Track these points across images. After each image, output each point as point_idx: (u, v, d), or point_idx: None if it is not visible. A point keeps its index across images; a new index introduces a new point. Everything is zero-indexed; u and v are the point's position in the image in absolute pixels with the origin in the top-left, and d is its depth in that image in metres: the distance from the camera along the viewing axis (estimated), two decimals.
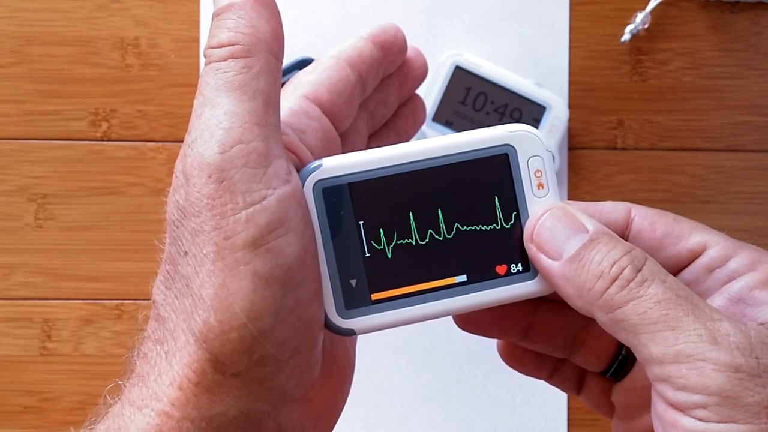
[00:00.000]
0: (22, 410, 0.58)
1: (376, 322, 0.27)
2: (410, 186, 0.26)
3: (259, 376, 0.23)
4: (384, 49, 0.29)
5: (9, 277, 0.58)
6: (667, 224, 0.27)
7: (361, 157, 0.26)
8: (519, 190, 0.27)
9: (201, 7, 0.58)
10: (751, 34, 0.59)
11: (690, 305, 0.24)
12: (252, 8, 0.24)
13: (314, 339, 0.25)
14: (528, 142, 0.26)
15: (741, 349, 0.23)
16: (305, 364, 0.25)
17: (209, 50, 0.24)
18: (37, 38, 0.58)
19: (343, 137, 0.29)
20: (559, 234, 0.26)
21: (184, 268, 0.23)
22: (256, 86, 0.24)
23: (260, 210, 0.23)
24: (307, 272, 0.24)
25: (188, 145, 0.24)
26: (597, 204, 0.28)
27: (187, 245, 0.23)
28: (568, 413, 0.58)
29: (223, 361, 0.23)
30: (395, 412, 0.58)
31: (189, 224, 0.23)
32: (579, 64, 0.58)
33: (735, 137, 0.59)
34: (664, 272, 0.25)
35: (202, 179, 0.23)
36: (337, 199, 0.26)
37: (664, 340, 0.23)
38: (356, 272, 0.26)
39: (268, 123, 0.24)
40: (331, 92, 0.28)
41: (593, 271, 0.25)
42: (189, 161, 0.23)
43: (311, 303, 0.24)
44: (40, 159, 0.58)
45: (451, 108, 0.56)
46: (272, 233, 0.23)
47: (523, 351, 0.32)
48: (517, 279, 0.27)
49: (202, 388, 0.23)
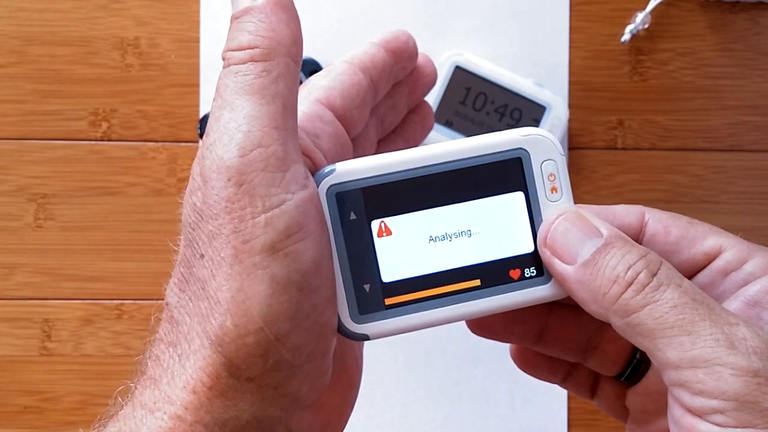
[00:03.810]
0: (22, 410, 0.58)
1: (389, 327, 0.27)
2: (423, 190, 0.26)
3: (273, 381, 0.23)
4: (396, 56, 0.29)
5: (9, 277, 0.58)
6: (682, 227, 0.27)
7: (374, 161, 0.26)
8: (533, 194, 0.27)
9: (201, 7, 0.58)
10: (751, 34, 0.59)
11: (706, 309, 0.24)
12: (272, 12, 0.24)
13: (328, 345, 0.25)
14: (542, 146, 0.26)
15: (759, 353, 0.23)
16: (318, 369, 0.24)
17: (229, 53, 0.24)
18: (37, 38, 0.58)
19: (353, 142, 0.29)
20: (573, 238, 0.26)
21: (200, 270, 0.23)
22: (275, 90, 0.24)
23: (279, 214, 0.23)
24: (323, 277, 0.24)
25: (207, 147, 0.24)
26: (610, 207, 0.28)
27: (203, 248, 0.23)
28: (568, 413, 0.58)
29: (239, 365, 0.23)
30: (395, 412, 0.58)
31: (206, 227, 0.23)
32: (579, 64, 0.58)
33: (735, 137, 0.59)
34: (679, 276, 0.25)
35: (221, 182, 0.23)
36: (350, 204, 0.26)
37: (681, 344, 0.23)
38: (370, 277, 0.26)
39: (286, 127, 0.24)
40: (344, 97, 0.28)
41: (608, 276, 0.25)
42: (207, 164, 0.23)
43: (326, 308, 0.24)
44: (40, 159, 0.58)
45: (451, 108, 0.56)
46: (290, 237, 0.23)
47: (536, 355, 0.32)
48: (531, 283, 0.27)
49: (216, 392, 0.23)
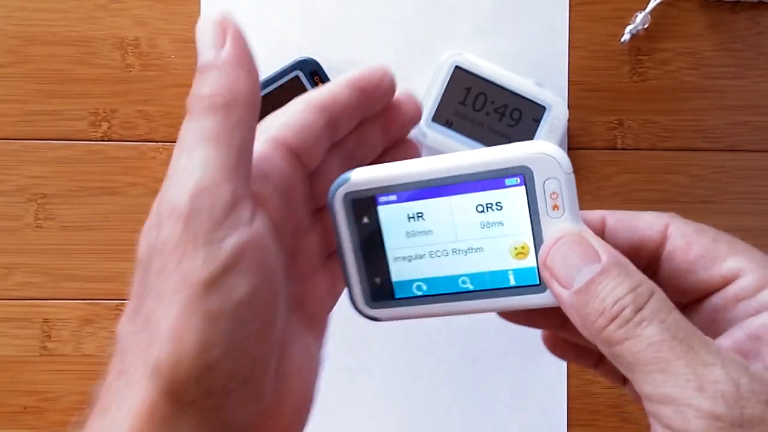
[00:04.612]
0: (22, 410, 0.58)
1: (397, 314, 0.30)
2: (430, 200, 0.29)
3: (210, 405, 0.25)
4: (363, 94, 0.30)
5: (9, 277, 0.58)
6: (704, 245, 0.28)
7: (387, 171, 0.29)
8: (534, 211, 0.28)
9: (201, 7, 0.58)
10: (752, 34, 0.59)
11: (684, 348, 0.24)
12: (231, 67, 0.26)
13: (262, 371, 0.26)
14: (546, 165, 0.27)
15: (726, 398, 0.23)
16: (254, 394, 0.26)
17: (191, 102, 0.26)
18: (37, 38, 0.58)
19: (315, 174, 0.31)
20: (571, 263, 0.26)
21: (148, 303, 0.25)
22: (230, 138, 0.26)
23: (217, 251, 0.24)
24: (257, 311, 0.25)
25: (164, 188, 0.26)
26: (636, 215, 0.29)
27: (152, 282, 0.25)
28: (568, 413, 0.58)
29: (175, 390, 0.24)
30: (395, 412, 0.58)
31: (156, 263, 0.25)
32: (579, 64, 0.58)
33: (735, 137, 0.59)
34: (666, 310, 0.25)
35: (172, 222, 0.25)
36: (363, 208, 0.29)
37: (654, 380, 0.24)
38: (381, 272, 0.30)
39: (238, 172, 0.26)
40: (298, 135, 0.29)
41: (597, 307, 0.26)
42: (162, 204, 0.26)
43: (259, 338, 0.26)
44: (40, 159, 0.58)
45: (451, 108, 0.56)
46: (226, 273, 0.24)
47: (565, 341, 0.33)
48: (530, 290, 0.28)
49: (157, 418, 0.24)
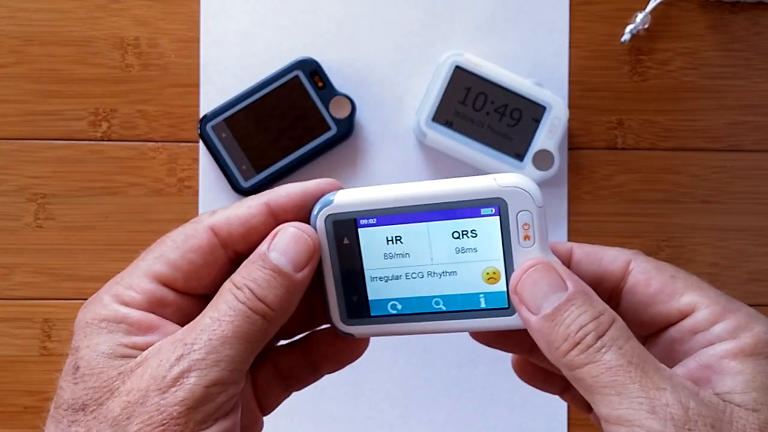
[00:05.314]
0: (22, 410, 0.58)
1: (371, 331, 0.32)
2: (408, 225, 0.30)
3: None
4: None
5: (9, 277, 0.58)
6: (662, 281, 0.30)
7: (367, 195, 0.30)
8: (506, 239, 0.29)
9: (201, 7, 0.58)
10: (751, 34, 0.59)
11: (639, 373, 0.26)
12: (297, 290, 0.29)
13: None
14: (519, 198, 0.29)
15: (675, 419, 0.25)
16: None
17: (244, 279, 0.28)
18: (37, 38, 0.58)
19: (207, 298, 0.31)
20: (539, 290, 0.28)
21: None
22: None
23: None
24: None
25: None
26: (601, 249, 0.31)
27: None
28: (568, 413, 0.58)
29: None
30: (395, 412, 0.58)
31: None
32: (579, 64, 0.59)
33: (735, 137, 0.59)
34: (625, 338, 0.27)
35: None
36: (344, 230, 0.30)
37: (610, 403, 0.26)
38: (358, 291, 0.31)
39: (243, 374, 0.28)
40: (183, 269, 0.30)
41: (561, 333, 0.27)
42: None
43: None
44: (40, 159, 0.58)
45: (451, 108, 0.56)
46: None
47: (533, 366, 0.34)
48: (500, 313, 0.30)
49: None
